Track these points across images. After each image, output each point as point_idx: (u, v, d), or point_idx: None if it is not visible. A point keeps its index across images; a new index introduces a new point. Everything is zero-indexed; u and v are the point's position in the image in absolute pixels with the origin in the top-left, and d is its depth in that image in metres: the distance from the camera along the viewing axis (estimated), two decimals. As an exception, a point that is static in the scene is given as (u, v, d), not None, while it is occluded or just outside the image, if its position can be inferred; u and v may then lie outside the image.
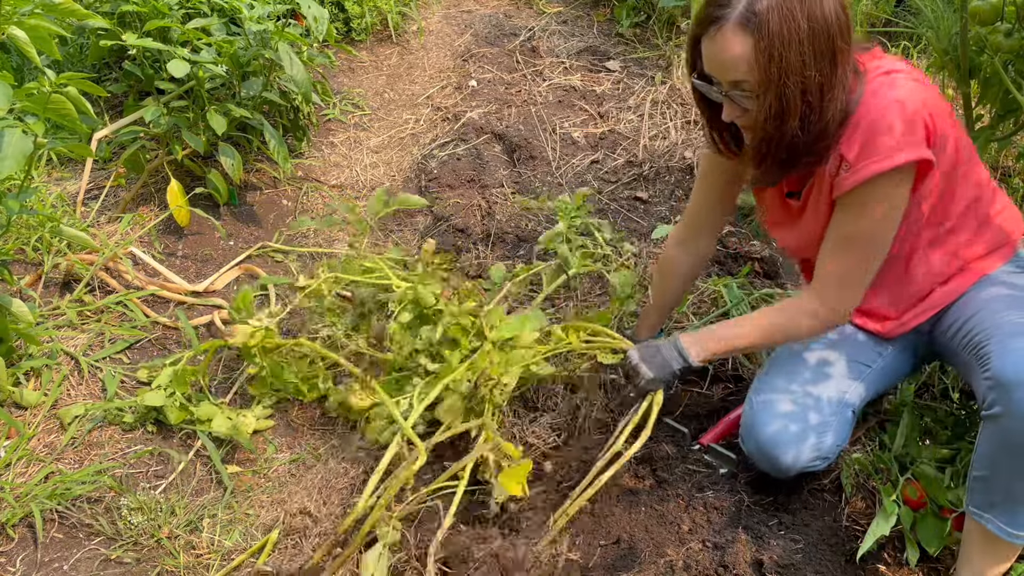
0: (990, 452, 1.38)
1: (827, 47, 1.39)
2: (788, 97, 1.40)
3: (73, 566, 1.75)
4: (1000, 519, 1.41)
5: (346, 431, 2.07)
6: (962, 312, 1.57)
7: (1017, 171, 2.65)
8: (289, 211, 2.92)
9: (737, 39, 1.39)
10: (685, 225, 1.92)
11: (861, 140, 1.44)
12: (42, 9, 1.94)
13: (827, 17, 1.39)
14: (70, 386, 2.14)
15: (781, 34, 1.36)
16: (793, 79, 1.39)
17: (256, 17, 2.56)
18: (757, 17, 1.36)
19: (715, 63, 1.44)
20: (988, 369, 1.38)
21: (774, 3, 1.36)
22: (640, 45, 3.89)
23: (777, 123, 1.43)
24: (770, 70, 1.39)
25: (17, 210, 1.96)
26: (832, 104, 1.43)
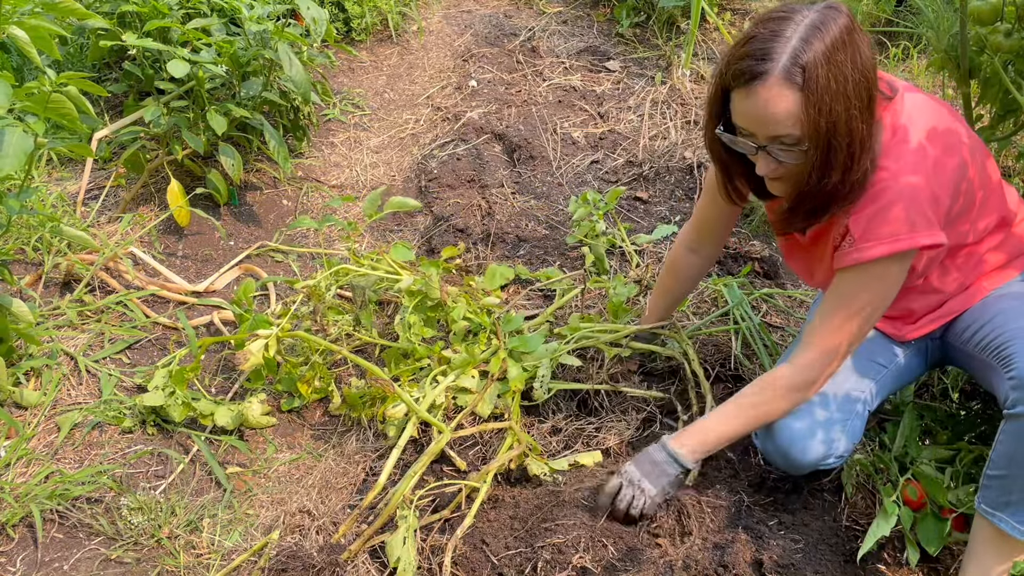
0: (1011, 451, 1.39)
1: (868, 94, 1.36)
2: (835, 150, 1.36)
3: (73, 566, 1.75)
4: (1014, 518, 1.42)
5: (346, 430, 2.07)
6: (978, 316, 1.57)
7: (1017, 171, 2.65)
8: (289, 211, 2.92)
9: (784, 94, 1.32)
10: (693, 231, 1.92)
11: (867, 220, 1.42)
12: (42, 9, 1.94)
13: (866, 64, 1.35)
14: (70, 386, 2.14)
15: (829, 88, 1.31)
16: (841, 132, 1.35)
17: (256, 17, 2.56)
18: (805, 71, 1.31)
19: (754, 118, 1.38)
20: (1012, 369, 1.39)
21: (820, 55, 1.31)
22: (640, 45, 3.89)
23: (820, 176, 1.39)
24: (820, 124, 1.33)
25: (17, 210, 1.96)
26: (868, 153, 1.40)
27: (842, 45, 1.33)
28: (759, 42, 1.34)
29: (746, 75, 1.34)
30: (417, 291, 2.08)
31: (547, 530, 1.71)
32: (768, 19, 1.37)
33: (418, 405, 1.85)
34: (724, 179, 1.61)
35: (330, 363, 2.16)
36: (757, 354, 2.12)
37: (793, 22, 1.34)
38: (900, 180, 1.40)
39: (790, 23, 1.34)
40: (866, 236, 1.42)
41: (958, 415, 1.85)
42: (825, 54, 1.31)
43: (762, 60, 1.33)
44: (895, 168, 1.41)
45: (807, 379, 1.56)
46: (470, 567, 1.66)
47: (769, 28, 1.35)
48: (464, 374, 1.99)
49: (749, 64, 1.34)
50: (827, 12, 1.35)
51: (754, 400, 1.62)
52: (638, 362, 2.13)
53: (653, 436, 1.95)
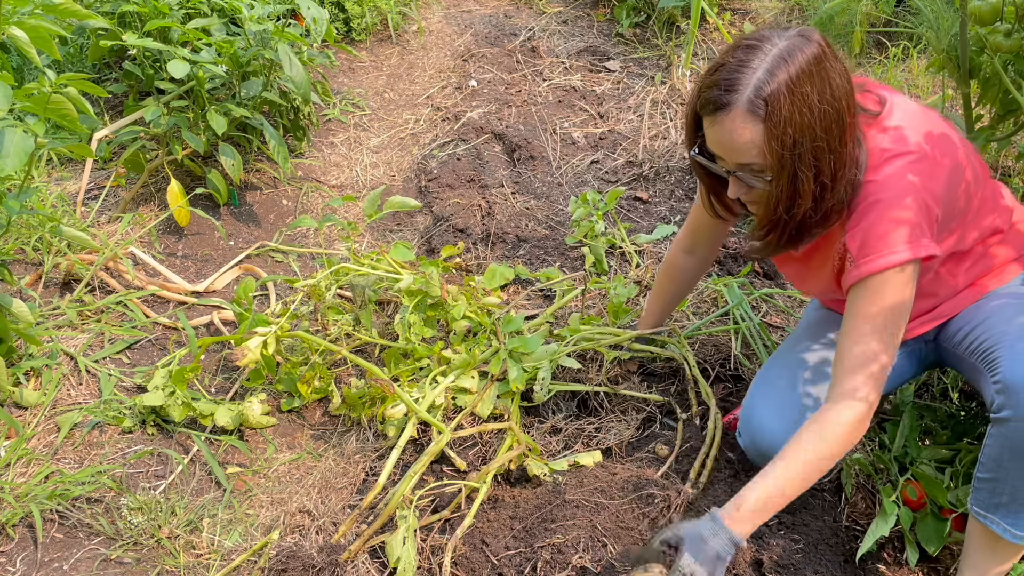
0: (997, 455, 1.39)
1: (838, 125, 1.36)
2: (801, 180, 1.37)
3: (73, 566, 1.75)
4: (1005, 520, 1.42)
5: (346, 431, 2.07)
6: (970, 319, 1.57)
7: (1017, 171, 2.65)
8: (289, 211, 2.92)
9: (747, 126, 1.33)
10: (689, 234, 1.92)
11: (862, 235, 1.42)
12: (42, 9, 1.94)
13: (836, 94, 1.35)
14: (70, 386, 2.14)
15: (793, 120, 1.31)
16: (806, 163, 1.35)
17: (256, 17, 2.56)
18: (767, 103, 1.31)
19: (721, 146, 1.39)
20: (997, 373, 1.38)
21: (783, 86, 1.31)
22: (640, 45, 3.89)
23: (788, 206, 1.40)
24: (783, 156, 1.34)
25: (17, 210, 1.96)
26: (842, 181, 1.40)
27: (808, 76, 1.32)
28: (726, 71, 1.35)
29: (712, 104, 1.36)
30: (417, 291, 2.08)
31: (547, 530, 1.71)
32: (738, 47, 1.37)
33: (418, 405, 1.85)
34: (707, 197, 1.61)
35: (330, 363, 2.16)
36: (757, 354, 2.12)
37: (761, 52, 1.34)
38: (889, 193, 1.40)
39: (758, 53, 1.34)
40: (863, 251, 1.42)
41: (958, 415, 1.85)
42: (789, 86, 1.31)
43: (727, 91, 1.34)
44: (884, 181, 1.40)
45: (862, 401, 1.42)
46: (470, 567, 1.66)
47: (738, 57, 1.35)
48: (464, 374, 1.99)
49: (716, 94, 1.35)
50: (797, 41, 1.34)
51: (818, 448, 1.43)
52: (638, 363, 2.13)
53: (653, 436, 1.95)
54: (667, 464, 1.84)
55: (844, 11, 3.12)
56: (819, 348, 1.74)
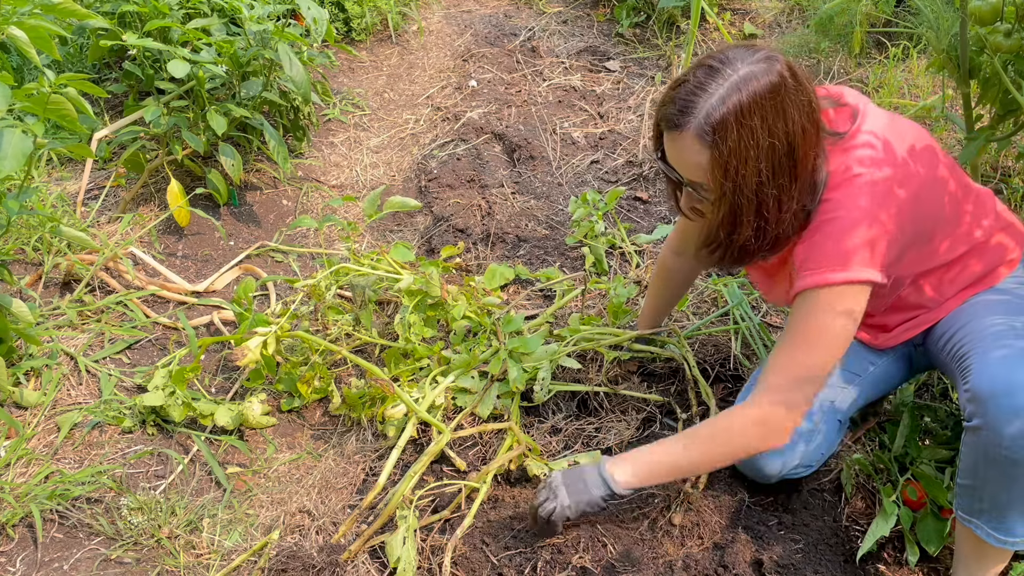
0: (972, 463, 1.38)
1: (787, 160, 1.35)
2: (741, 210, 1.38)
3: (73, 566, 1.75)
4: (988, 525, 1.41)
5: (346, 431, 2.07)
6: (952, 324, 1.55)
7: (1017, 171, 2.65)
8: (289, 211, 2.92)
9: (695, 149, 1.35)
10: (679, 235, 1.92)
11: (807, 249, 1.42)
12: (41, 9, 1.94)
13: (790, 131, 1.34)
14: (70, 386, 2.14)
15: (738, 151, 1.32)
16: (747, 194, 1.36)
17: (256, 17, 2.56)
18: (714, 131, 1.32)
19: (674, 161, 1.42)
20: (967, 381, 1.37)
21: (731, 117, 1.30)
22: (640, 45, 3.89)
23: (728, 232, 1.42)
24: (724, 185, 1.35)
25: (17, 210, 1.96)
26: (788, 213, 1.40)
27: (759, 109, 1.31)
28: (684, 91, 1.35)
29: (667, 122, 1.38)
30: (417, 291, 2.08)
31: (547, 530, 1.71)
32: (702, 66, 1.37)
33: (418, 405, 1.85)
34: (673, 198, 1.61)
35: (330, 363, 2.16)
36: (757, 354, 2.12)
37: (721, 76, 1.33)
38: (843, 213, 1.39)
39: (718, 76, 1.33)
40: (806, 265, 1.42)
41: (958, 415, 1.85)
42: (738, 116, 1.31)
43: (681, 112, 1.34)
44: (840, 200, 1.40)
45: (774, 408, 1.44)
46: (470, 567, 1.66)
47: (697, 78, 1.35)
48: (464, 375, 1.99)
49: (671, 112, 1.36)
50: (757, 69, 1.33)
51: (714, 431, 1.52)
52: (638, 363, 2.13)
53: (653, 436, 1.95)
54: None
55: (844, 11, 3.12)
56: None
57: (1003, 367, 1.33)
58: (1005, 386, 1.30)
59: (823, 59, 3.46)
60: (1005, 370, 1.32)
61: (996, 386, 1.31)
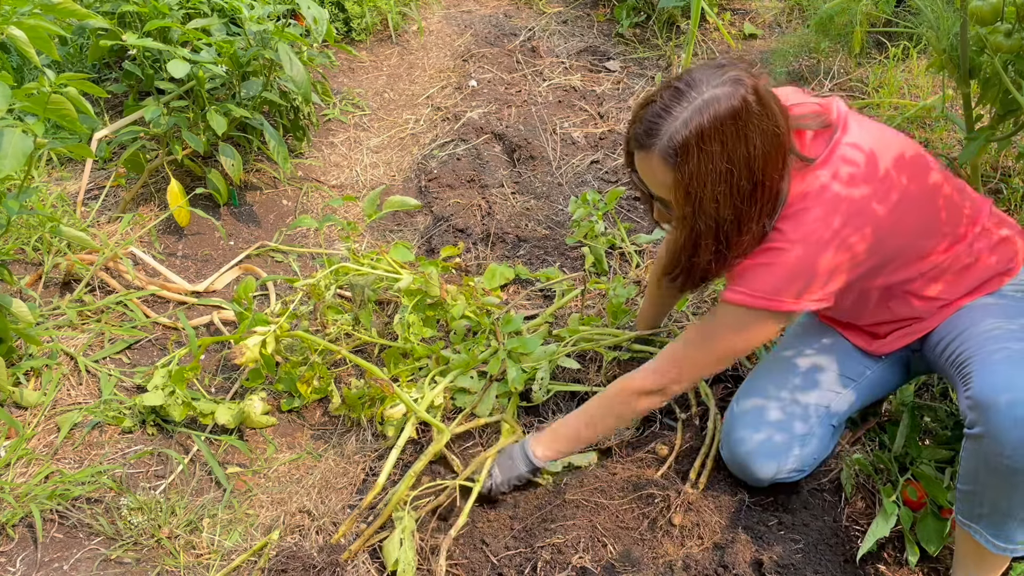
0: (973, 469, 1.38)
1: (747, 185, 1.38)
2: (701, 234, 1.42)
3: (73, 566, 1.75)
4: (987, 531, 1.41)
5: (346, 431, 2.07)
6: (949, 330, 1.55)
7: (1017, 171, 2.64)
8: (289, 211, 2.92)
9: (661, 169, 1.39)
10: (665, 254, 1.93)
11: (744, 269, 1.47)
12: (41, 9, 1.94)
13: (751, 155, 1.35)
14: (70, 386, 2.14)
15: (698, 174, 1.35)
16: (707, 218, 1.39)
17: (256, 17, 2.56)
18: (676, 155, 1.35)
19: (644, 177, 1.46)
20: (968, 389, 1.37)
21: (693, 141, 1.33)
22: (640, 45, 3.89)
23: (689, 255, 1.47)
24: (685, 208, 1.40)
25: (17, 210, 1.96)
26: (747, 236, 1.43)
27: (719, 133, 1.33)
28: (651, 112, 1.38)
29: (636, 141, 1.41)
30: (416, 291, 2.08)
31: (547, 530, 1.71)
32: (669, 87, 1.38)
33: (417, 405, 1.85)
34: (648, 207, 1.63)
35: (329, 363, 2.16)
36: (756, 353, 2.11)
37: (686, 99, 1.35)
38: (787, 247, 1.42)
39: (683, 100, 1.35)
40: (736, 280, 1.48)
41: (958, 415, 1.85)
42: (699, 140, 1.33)
43: (647, 133, 1.38)
44: (789, 232, 1.42)
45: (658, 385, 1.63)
46: (470, 567, 1.66)
47: (664, 100, 1.37)
48: (463, 375, 1.99)
49: (639, 132, 1.40)
50: (722, 92, 1.34)
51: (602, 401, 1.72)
52: (637, 363, 2.13)
53: (653, 436, 1.95)
54: (667, 464, 1.84)
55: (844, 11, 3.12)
56: (811, 353, 1.73)
57: (1005, 375, 1.33)
58: (1007, 395, 1.29)
59: (823, 59, 3.45)
60: (1007, 378, 1.32)
61: (998, 394, 1.30)
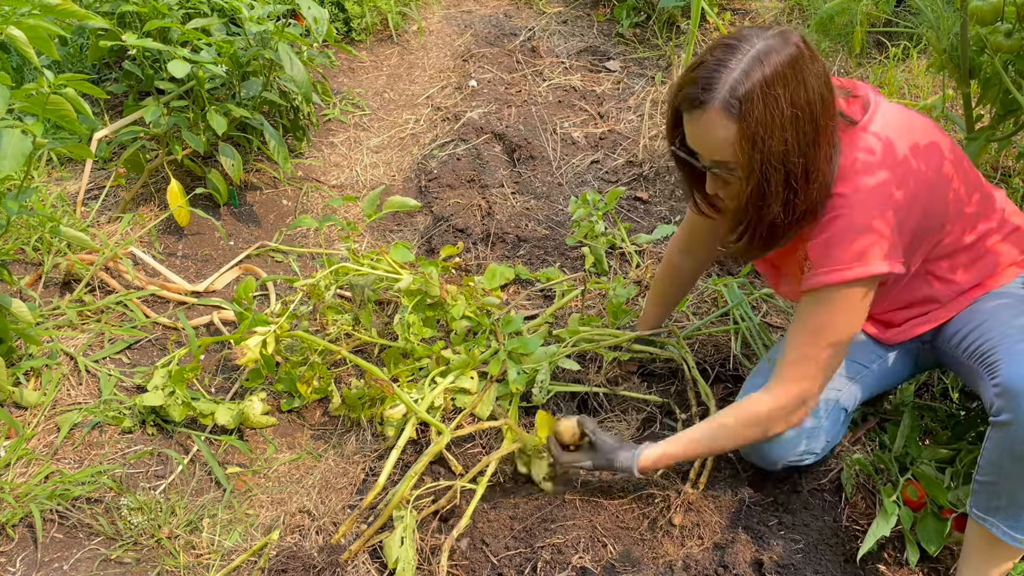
0: (996, 458, 1.38)
1: (811, 129, 1.37)
2: (771, 183, 1.39)
3: (73, 566, 1.75)
4: (1004, 523, 1.41)
5: (346, 431, 2.07)
6: (968, 321, 1.56)
7: (1017, 171, 2.64)
8: (289, 211, 2.92)
9: (721, 124, 1.36)
10: (685, 235, 1.93)
11: (822, 247, 1.44)
12: (40, 10, 1.93)
13: (811, 99, 1.36)
14: (70, 386, 2.14)
15: (764, 120, 1.34)
16: (776, 165, 1.37)
17: (256, 17, 2.56)
18: (740, 103, 1.33)
19: (698, 142, 1.42)
20: (996, 376, 1.38)
21: (757, 88, 1.33)
22: (640, 45, 3.89)
23: (758, 207, 1.43)
24: (753, 156, 1.37)
25: (17, 210, 1.96)
26: (815, 185, 1.41)
27: (782, 79, 1.34)
28: (705, 70, 1.37)
29: (690, 102, 1.39)
30: (416, 291, 2.08)
31: (547, 530, 1.71)
32: (718, 46, 1.38)
33: (417, 406, 1.85)
34: (690, 192, 1.63)
35: (329, 363, 2.16)
36: (757, 354, 2.11)
37: (740, 52, 1.35)
38: (856, 208, 1.41)
39: (736, 52, 1.35)
40: (821, 263, 1.44)
41: (958, 415, 1.85)
42: (763, 87, 1.33)
43: (704, 89, 1.36)
44: (852, 195, 1.41)
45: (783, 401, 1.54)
46: (470, 567, 1.66)
47: (716, 56, 1.37)
48: (463, 375, 1.99)
49: (694, 91, 1.38)
50: (775, 42, 1.36)
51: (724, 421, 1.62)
52: (638, 363, 2.13)
53: (653, 436, 1.95)
54: (667, 464, 1.84)
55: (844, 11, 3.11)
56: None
57: None
58: None
59: (823, 59, 3.45)
60: None
61: None
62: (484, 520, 1.75)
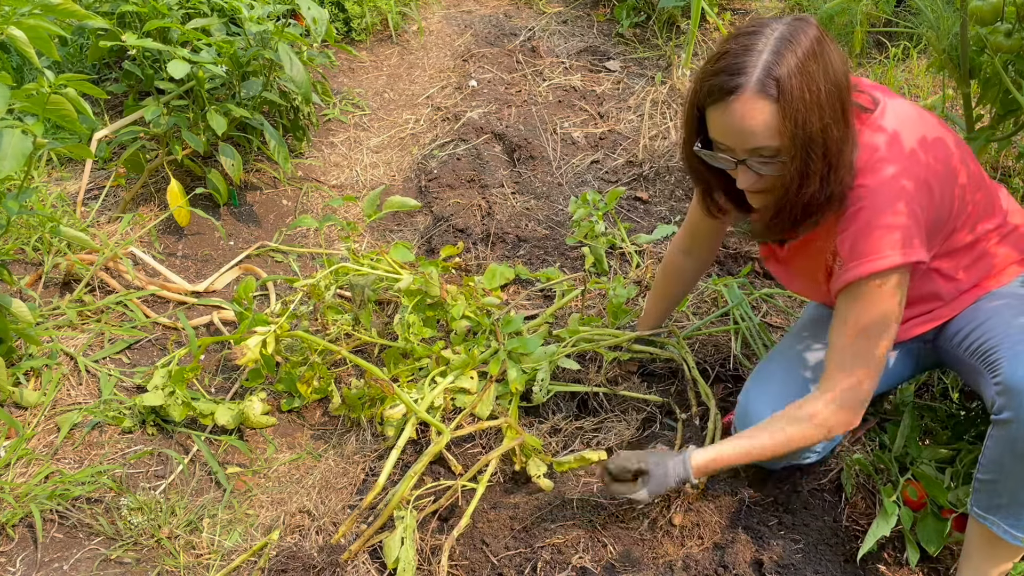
0: (998, 457, 1.38)
1: (841, 104, 1.37)
2: (812, 159, 1.37)
3: (73, 566, 1.75)
4: (1005, 522, 1.42)
5: (346, 431, 2.07)
6: (969, 320, 1.56)
7: (1017, 171, 2.65)
8: (289, 211, 2.92)
9: (758, 106, 1.34)
10: (687, 235, 1.93)
11: (852, 239, 1.43)
12: (41, 10, 1.94)
13: (838, 74, 1.37)
14: (70, 386, 2.14)
15: (804, 98, 1.33)
16: (817, 141, 1.36)
17: (256, 17, 2.56)
18: (778, 82, 1.32)
19: (732, 132, 1.39)
20: (998, 375, 1.38)
21: (793, 67, 1.32)
22: (640, 45, 3.89)
23: (799, 185, 1.40)
24: (796, 135, 1.34)
25: (17, 210, 1.96)
26: (847, 160, 1.41)
27: (813, 56, 1.34)
28: (731, 57, 1.36)
29: (721, 90, 1.36)
30: (416, 291, 2.08)
31: (547, 530, 1.71)
32: (739, 35, 1.38)
33: (417, 406, 1.85)
34: (704, 195, 1.62)
35: (329, 363, 2.16)
36: (757, 354, 2.11)
37: (764, 36, 1.35)
38: (880, 198, 1.41)
39: (760, 37, 1.35)
40: (853, 255, 1.43)
41: (958, 415, 1.85)
42: (798, 65, 1.33)
43: (735, 75, 1.34)
44: (875, 186, 1.41)
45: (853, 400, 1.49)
46: (470, 567, 1.66)
47: (740, 43, 1.36)
48: (463, 375, 1.99)
49: (723, 80, 1.36)
50: (796, 24, 1.36)
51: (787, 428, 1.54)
52: (638, 363, 2.13)
53: (653, 436, 1.95)
54: (667, 464, 1.84)
55: (844, 11, 3.11)
56: (819, 347, 1.74)
57: None
58: None
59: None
60: None
61: None
62: (484, 520, 1.75)
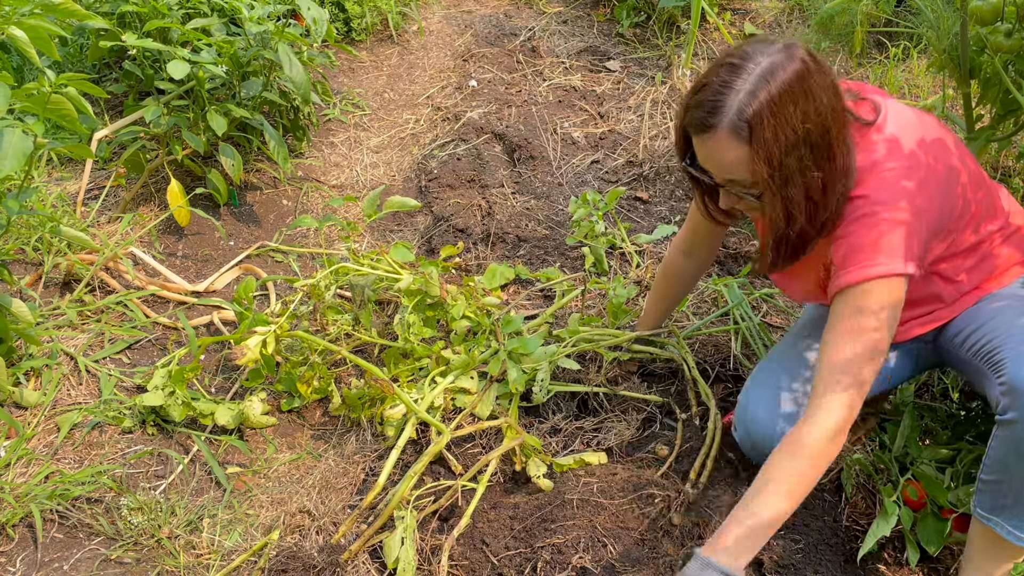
0: (1002, 457, 1.38)
1: (824, 143, 1.36)
2: (792, 200, 1.38)
3: (73, 566, 1.75)
4: (1009, 523, 1.41)
5: (346, 431, 2.07)
6: (971, 321, 1.56)
7: (1017, 171, 2.65)
8: (289, 211, 2.92)
9: (731, 147, 1.34)
10: (687, 236, 1.93)
11: (846, 248, 1.43)
12: (41, 9, 1.94)
13: (821, 112, 1.34)
14: (70, 386, 2.14)
15: (778, 140, 1.32)
16: (794, 181, 1.36)
17: (256, 17, 2.56)
18: (749, 125, 1.31)
19: (709, 163, 1.40)
20: (1003, 375, 1.37)
21: (765, 108, 1.30)
22: (640, 45, 3.89)
23: (786, 223, 1.41)
24: (771, 176, 1.34)
25: (17, 210, 1.96)
26: (834, 195, 1.40)
27: (790, 96, 1.32)
28: (710, 92, 1.35)
29: (699, 125, 1.36)
30: (416, 291, 2.08)
31: (547, 530, 1.71)
32: (722, 64, 1.37)
33: (417, 406, 1.85)
34: (702, 203, 1.62)
35: (330, 363, 2.16)
36: (757, 354, 2.11)
37: (744, 72, 1.33)
38: (876, 207, 1.40)
39: (741, 73, 1.33)
40: (845, 263, 1.43)
41: (958, 415, 1.85)
42: (771, 107, 1.31)
43: (711, 113, 1.34)
44: (872, 195, 1.41)
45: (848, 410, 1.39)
46: (470, 567, 1.66)
47: (721, 77, 1.35)
48: (463, 375, 1.99)
49: (700, 115, 1.36)
50: (779, 58, 1.34)
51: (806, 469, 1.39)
52: (638, 363, 2.13)
53: (653, 436, 1.95)
54: (667, 464, 1.84)
55: (844, 11, 3.11)
56: (819, 346, 1.74)
57: None
58: None
59: (828, 64, 3.45)
60: None
61: None
62: (484, 520, 1.75)
